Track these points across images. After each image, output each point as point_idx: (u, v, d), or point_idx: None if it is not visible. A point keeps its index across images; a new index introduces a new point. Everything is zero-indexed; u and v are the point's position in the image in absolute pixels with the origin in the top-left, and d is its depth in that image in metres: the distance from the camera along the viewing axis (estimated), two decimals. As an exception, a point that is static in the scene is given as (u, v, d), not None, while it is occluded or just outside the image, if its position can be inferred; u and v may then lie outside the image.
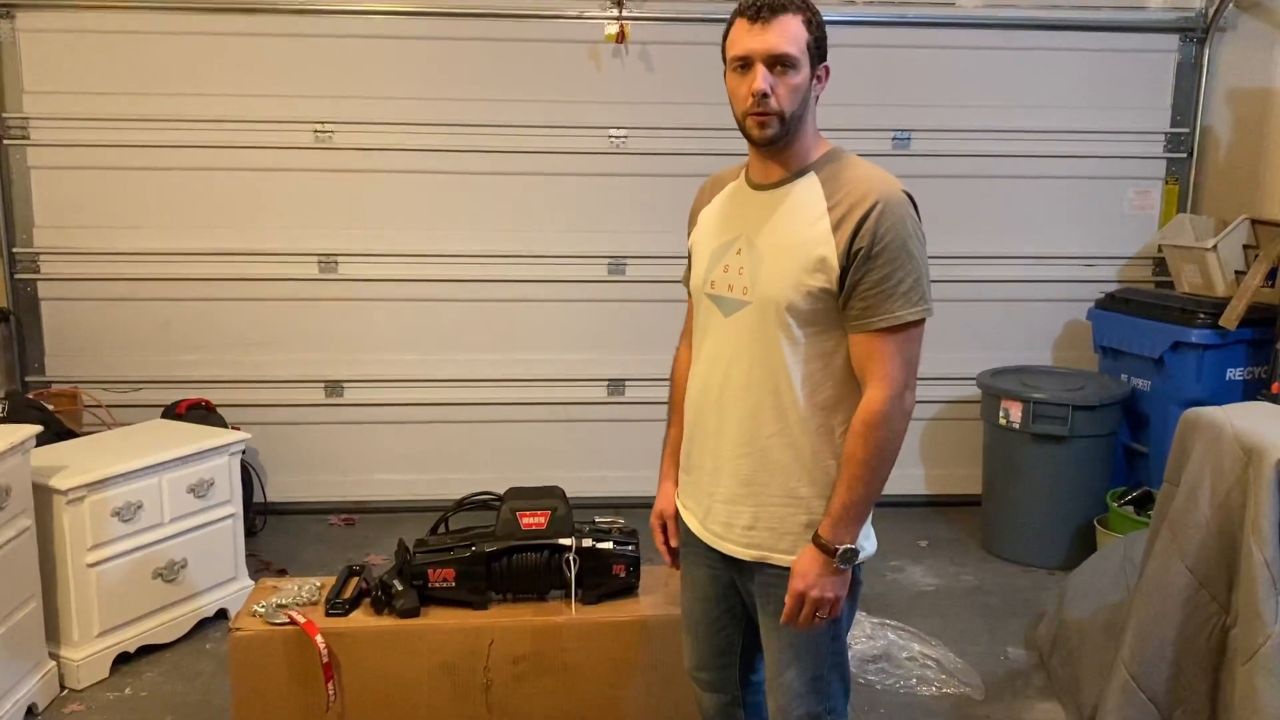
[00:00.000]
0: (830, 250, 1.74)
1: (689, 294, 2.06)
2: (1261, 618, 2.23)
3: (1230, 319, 3.86)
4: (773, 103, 1.74)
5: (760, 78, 1.73)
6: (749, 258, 1.83)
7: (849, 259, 1.73)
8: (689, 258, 2.04)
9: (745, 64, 1.76)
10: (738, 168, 1.98)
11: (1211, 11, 4.45)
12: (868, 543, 1.90)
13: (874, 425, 1.75)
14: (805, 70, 1.76)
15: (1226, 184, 4.59)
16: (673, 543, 2.12)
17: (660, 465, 2.17)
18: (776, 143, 1.79)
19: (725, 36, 1.82)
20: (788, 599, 1.81)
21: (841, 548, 1.78)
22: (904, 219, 1.74)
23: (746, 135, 1.81)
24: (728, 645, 2.08)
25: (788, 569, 1.84)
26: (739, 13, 1.78)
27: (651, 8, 4.31)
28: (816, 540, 1.80)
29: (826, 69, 1.82)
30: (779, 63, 1.74)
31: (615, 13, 4.29)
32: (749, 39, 1.74)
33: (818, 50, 1.79)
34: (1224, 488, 2.40)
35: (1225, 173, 4.60)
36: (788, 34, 1.73)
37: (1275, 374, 3.81)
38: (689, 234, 2.04)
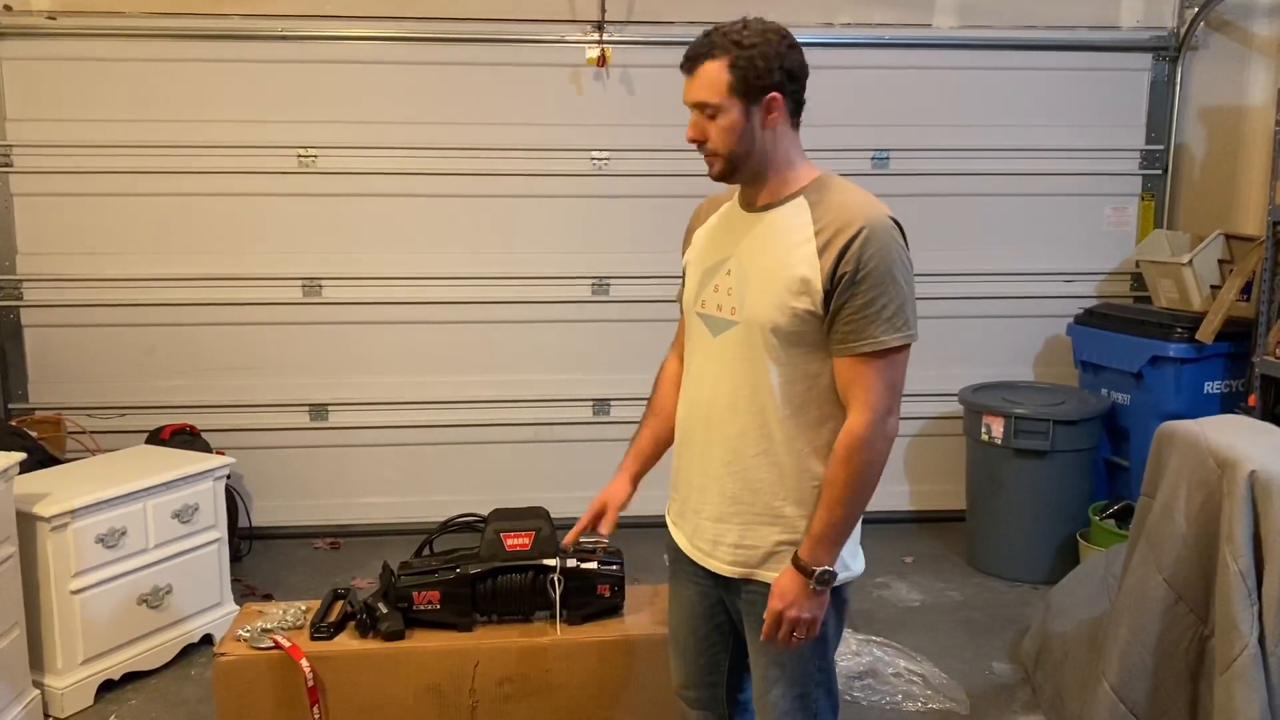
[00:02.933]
0: (814, 273, 1.76)
1: (682, 310, 2.09)
2: (1238, 628, 2.26)
3: (1206, 333, 3.91)
4: (709, 145, 1.82)
5: (690, 126, 1.83)
6: (737, 278, 1.86)
7: (833, 283, 1.75)
8: (684, 275, 2.06)
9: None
10: (733, 188, 1.99)
11: (1183, 31, 4.53)
12: (855, 562, 1.92)
13: (854, 450, 1.76)
14: (732, 112, 1.78)
15: (1201, 200, 4.66)
16: (603, 529, 2.13)
17: (623, 458, 2.17)
18: (728, 179, 1.87)
19: None
20: (766, 617, 1.83)
21: (819, 569, 1.79)
22: (889, 245, 1.75)
23: None
24: (715, 663, 2.08)
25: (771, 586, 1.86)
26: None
27: (632, 31, 4.35)
28: (795, 561, 1.81)
29: (775, 99, 1.79)
30: (702, 109, 1.80)
31: (596, 37, 4.33)
32: (684, 91, 1.83)
33: (747, 87, 1.77)
34: (1199, 500, 2.43)
35: (1199, 189, 4.67)
36: (705, 81, 1.79)
37: (1252, 387, 3.86)
38: (684, 252, 2.06)
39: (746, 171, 1.84)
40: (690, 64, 1.80)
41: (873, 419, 1.76)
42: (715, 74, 1.77)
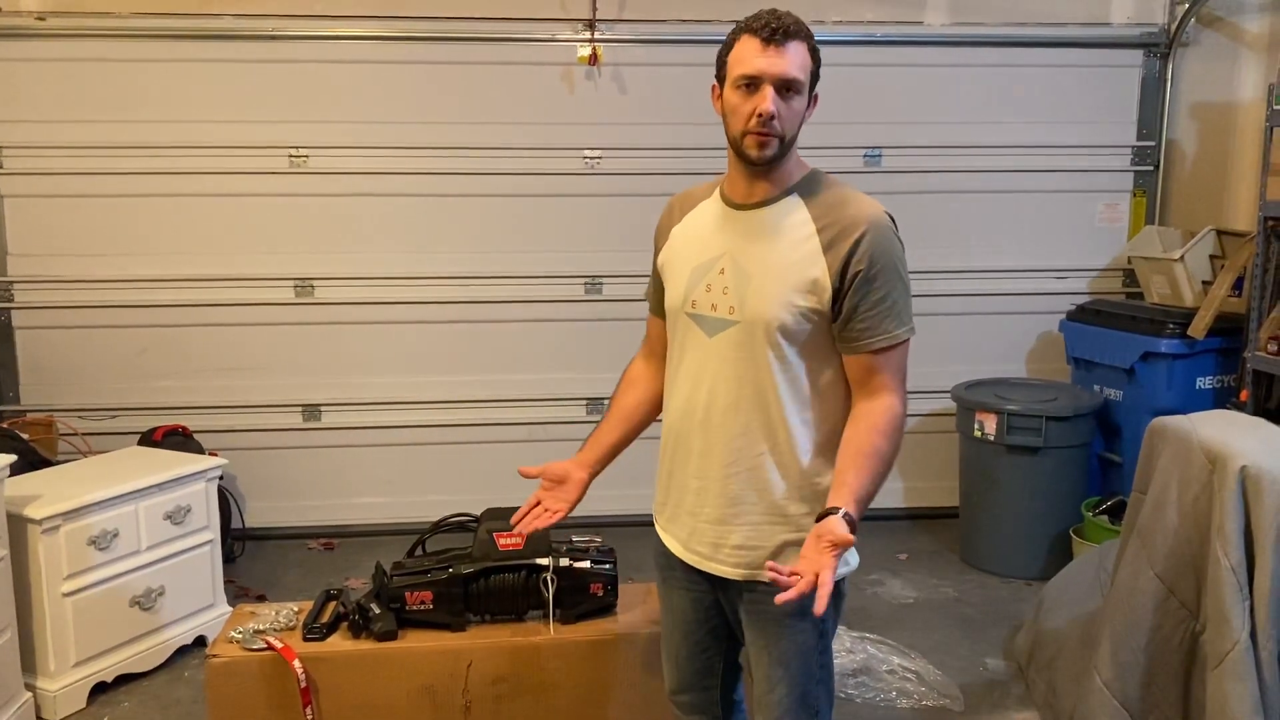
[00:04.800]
0: (822, 271, 1.77)
1: (651, 311, 2.09)
2: (1230, 623, 2.27)
3: (1198, 329, 3.91)
4: (777, 125, 1.75)
5: (770, 100, 1.74)
6: (734, 277, 1.83)
7: (844, 282, 1.76)
8: (654, 276, 2.05)
9: (754, 84, 1.75)
10: (709, 185, 1.98)
11: (1174, 27, 4.54)
12: (853, 556, 1.92)
13: (897, 426, 1.82)
14: (805, 96, 1.79)
15: (1192, 196, 4.67)
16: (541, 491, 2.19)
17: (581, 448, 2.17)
18: (773, 163, 1.80)
19: (726, 52, 1.81)
20: (823, 571, 1.63)
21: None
22: (893, 241, 1.79)
23: (742, 154, 1.80)
24: (709, 667, 2.08)
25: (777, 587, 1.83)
26: (748, 31, 1.77)
27: (623, 30, 4.35)
28: (846, 516, 1.70)
29: (816, 96, 1.84)
30: (788, 87, 1.75)
31: (587, 35, 4.33)
32: (761, 60, 1.74)
33: (815, 77, 1.82)
34: (1190, 495, 2.43)
35: (1191, 185, 4.68)
36: (798, 60, 1.76)
37: (1244, 382, 3.86)
38: (656, 252, 2.04)
39: (783, 157, 1.81)
40: (784, 37, 1.74)
41: (903, 401, 1.82)
42: (803, 56, 1.78)
